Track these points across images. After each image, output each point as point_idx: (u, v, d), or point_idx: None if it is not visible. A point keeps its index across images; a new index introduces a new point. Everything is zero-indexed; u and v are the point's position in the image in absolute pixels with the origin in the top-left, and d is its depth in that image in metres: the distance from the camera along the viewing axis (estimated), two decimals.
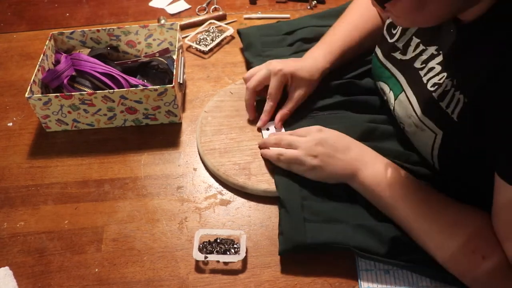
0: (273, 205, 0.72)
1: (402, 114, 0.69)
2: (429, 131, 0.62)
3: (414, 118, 0.65)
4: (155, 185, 0.77)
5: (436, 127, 0.61)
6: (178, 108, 0.84)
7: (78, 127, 0.86)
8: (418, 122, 0.64)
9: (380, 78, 0.76)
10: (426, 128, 0.63)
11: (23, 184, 0.78)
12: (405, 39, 0.70)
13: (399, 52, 0.71)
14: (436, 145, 0.62)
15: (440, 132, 0.61)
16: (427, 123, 0.62)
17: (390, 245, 0.61)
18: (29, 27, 1.16)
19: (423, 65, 0.65)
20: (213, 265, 0.66)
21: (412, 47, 0.68)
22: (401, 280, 0.62)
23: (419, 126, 0.64)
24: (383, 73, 0.74)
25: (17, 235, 0.71)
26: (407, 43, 0.70)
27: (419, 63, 0.66)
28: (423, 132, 0.64)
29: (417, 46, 0.67)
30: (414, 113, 0.65)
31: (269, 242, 0.68)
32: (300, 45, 0.95)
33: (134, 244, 0.69)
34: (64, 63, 0.86)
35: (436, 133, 0.61)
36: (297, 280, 0.63)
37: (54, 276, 0.66)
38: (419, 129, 0.65)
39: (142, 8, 1.20)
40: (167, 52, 0.94)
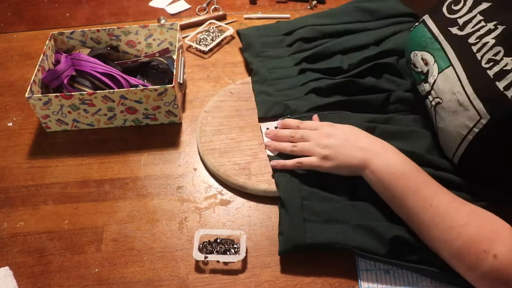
0: (273, 205, 0.72)
1: (445, 89, 0.65)
2: (474, 112, 0.59)
3: (460, 95, 0.62)
4: (155, 185, 0.77)
5: (485, 110, 0.58)
6: (178, 108, 0.84)
7: (78, 127, 0.86)
8: (465, 100, 0.61)
9: (425, 48, 0.72)
10: (472, 109, 0.59)
11: (23, 184, 0.78)
12: (469, 16, 0.67)
13: (457, 28, 0.68)
14: (475, 129, 0.59)
15: (487, 116, 0.57)
16: (475, 104, 0.59)
17: (390, 245, 0.61)
18: (29, 27, 1.16)
19: (477, 40, 0.63)
20: (213, 265, 0.66)
21: (472, 23, 0.65)
22: (401, 280, 0.62)
23: (464, 104, 0.61)
24: (431, 44, 0.71)
25: (17, 235, 0.71)
26: (469, 20, 0.66)
27: (474, 38, 0.64)
28: (466, 112, 0.60)
29: (478, 23, 0.65)
30: (463, 90, 0.62)
31: (269, 242, 0.68)
32: (299, 45, 0.95)
33: (134, 244, 0.69)
34: (64, 63, 0.86)
35: (481, 116, 0.58)
36: (297, 280, 0.63)
37: (54, 276, 0.66)
38: (462, 108, 0.61)
39: (142, 8, 1.20)
40: (167, 52, 0.94)
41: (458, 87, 0.63)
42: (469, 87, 0.61)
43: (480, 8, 0.66)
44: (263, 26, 1.04)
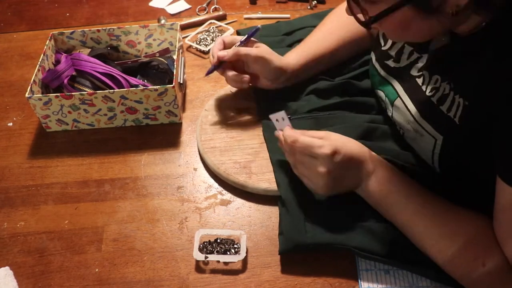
0: (273, 205, 0.72)
1: (400, 120, 0.68)
2: (428, 136, 0.62)
3: (412, 123, 0.65)
4: (155, 185, 0.77)
5: (436, 132, 0.61)
6: (178, 108, 0.84)
7: (78, 127, 0.86)
8: (417, 127, 0.64)
9: (377, 85, 0.76)
10: (426, 133, 0.62)
11: (23, 184, 0.78)
12: (398, 47, 0.69)
13: (392, 60, 0.70)
14: (437, 150, 0.62)
15: (440, 137, 0.60)
16: (427, 128, 0.62)
17: (390, 246, 0.62)
18: (29, 27, 1.16)
19: (420, 73, 0.65)
20: (213, 265, 0.66)
21: (405, 54, 0.68)
22: (401, 280, 0.62)
23: (418, 131, 0.64)
24: (378, 81, 0.74)
25: (17, 235, 0.71)
26: (399, 51, 0.69)
27: (416, 70, 0.66)
28: (423, 138, 0.63)
29: (411, 53, 0.67)
30: (412, 118, 0.65)
31: (269, 242, 0.68)
32: None
33: (134, 244, 0.69)
34: (64, 63, 0.86)
35: (436, 138, 0.61)
36: (297, 280, 0.63)
37: (54, 276, 0.66)
38: (418, 135, 0.64)
39: (142, 8, 1.20)
40: (167, 52, 0.94)
41: (408, 116, 0.66)
42: (417, 114, 0.64)
43: None
44: (263, 26, 1.03)
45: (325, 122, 0.77)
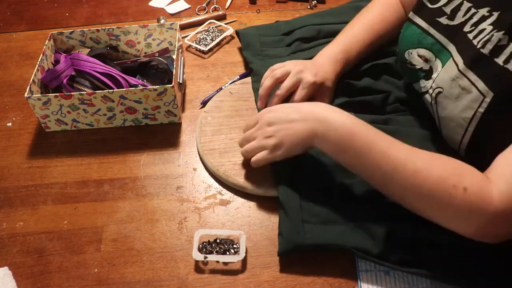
0: (272, 205, 0.72)
1: (445, 77, 0.65)
2: (476, 93, 0.59)
3: (460, 79, 0.62)
4: (155, 185, 0.77)
5: (487, 89, 0.57)
6: (177, 108, 0.84)
7: (77, 127, 0.86)
8: (466, 84, 0.60)
9: (419, 45, 0.72)
10: (475, 90, 0.59)
11: (22, 184, 0.78)
12: (455, 4, 0.66)
13: (446, 17, 0.67)
14: (481, 109, 0.59)
15: (490, 94, 0.57)
16: (478, 84, 0.59)
17: (389, 246, 0.61)
18: (29, 27, 1.15)
19: (472, 28, 0.62)
20: (213, 265, 0.66)
21: (462, 11, 0.65)
22: (401, 281, 0.62)
23: (466, 87, 0.61)
24: (424, 39, 0.71)
25: (17, 235, 0.71)
26: (456, 7, 0.66)
27: (469, 26, 0.63)
28: (468, 95, 0.60)
29: (468, 10, 0.64)
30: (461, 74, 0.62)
31: (268, 242, 0.68)
32: (298, 44, 0.95)
33: (133, 244, 0.69)
34: (63, 63, 0.86)
35: (484, 95, 0.58)
36: (297, 280, 0.63)
37: (54, 276, 0.66)
38: (465, 92, 0.61)
39: (142, 8, 1.20)
40: (167, 52, 0.94)
41: (456, 72, 0.63)
42: (468, 71, 0.61)
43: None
44: (262, 25, 1.03)
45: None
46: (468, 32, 0.63)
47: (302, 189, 0.69)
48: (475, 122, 0.60)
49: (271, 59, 0.94)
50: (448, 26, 0.67)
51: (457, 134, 0.63)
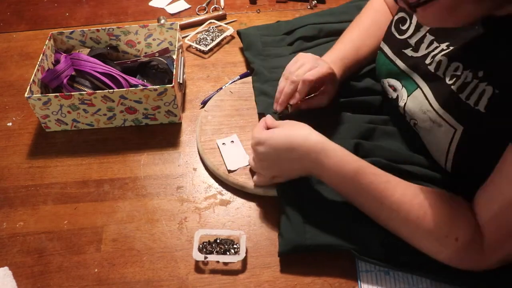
0: (273, 205, 0.72)
1: (416, 110, 0.67)
2: (447, 126, 0.61)
3: (431, 113, 0.63)
4: (155, 185, 0.77)
5: (456, 122, 0.59)
6: (177, 108, 0.84)
7: (77, 127, 0.86)
8: (436, 117, 0.62)
9: (389, 75, 0.74)
10: (444, 123, 0.61)
11: (22, 184, 0.78)
12: (419, 36, 0.68)
13: (411, 49, 0.69)
14: (455, 141, 0.60)
15: (460, 127, 0.59)
16: (446, 118, 0.61)
17: (388, 248, 0.61)
18: (29, 26, 1.15)
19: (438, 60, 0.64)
20: (213, 265, 0.65)
21: (425, 44, 0.67)
22: (401, 281, 0.62)
23: (436, 121, 0.63)
24: (392, 69, 0.73)
25: (17, 235, 0.71)
26: (420, 40, 0.68)
27: (433, 58, 0.65)
28: (440, 128, 0.62)
29: (431, 43, 0.66)
30: (431, 108, 0.63)
31: (269, 243, 0.68)
32: (299, 44, 0.95)
33: (133, 244, 0.69)
34: (63, 63, 0.86)
35: (455, 128, 0.60)
36: (297, 280, 0.63)
37: (54, 276, 0.66)
38: (436, 125, 0.63)
39: (142, 8, 1.20)
40: (167, 52, 0.94)
41: (426, 105, 0.65)
42: (436, 104, 0.63)
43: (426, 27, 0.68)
44: (263, 25, 1.04)
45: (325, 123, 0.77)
46: (428, 64, 0.65)
47: (303, 190, 0.69)
48: (452, 151, 0.62)
49: (273, 59, 0.94)
50: (413, 58, 0.69)
51: (441, 158, 0.65)
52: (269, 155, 0.66)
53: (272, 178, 0.69)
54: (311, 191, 0.69)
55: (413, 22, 0.70)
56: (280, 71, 0.91)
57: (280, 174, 0.68)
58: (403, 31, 0.72)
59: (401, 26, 0.72)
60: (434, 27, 0.65)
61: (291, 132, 0.65)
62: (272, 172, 0.68)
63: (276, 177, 0.69)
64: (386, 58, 0.74)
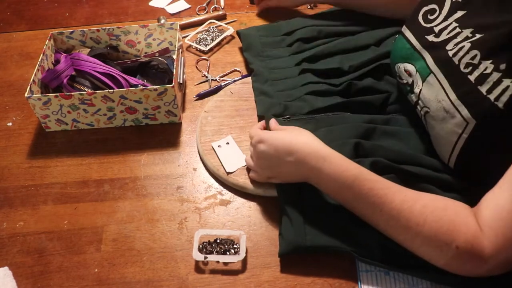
0: (273, 205, 0.72)
1: (431, 97, 0.66)
2: (460, 118, 0.60)
3: (445, 102, 0.62)
4: (155, 185, 0.77)
5: (470, 116, 0.58)
6: (178, 108, 0.84)
7: (77, 127, 0.86)
8: (450, 107, 0.61)
9: (406, 59, 0.73)
10: (458, 115, 0.60)
11: (22, 184, 0.78)
12: (445, 24, 0.67)
13: (433, 35, 0.68)
14: (464, 134, 0.59)
15: (472, 121, 0.58)
16: (461, 110, 0.60)
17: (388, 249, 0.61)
18: (29, 26, 1.15)
19: (454, 47, 0.63)
20: (213, 265, 0.65)
21: (447, 30, 0.66)
22: (401, 281, 0.62)
23: (450, 111, 0.61)
24: (411, 55, 0.72)
25: (17, 235, 0.71)
26: (444, 27, 0.67)
27: (452, 44, 0.64)
28: (453, 119, 0.61)
29: (453, 29, 0.65)
30: (447, 97, 0.62)
31: (269, 243, 0.68)
32: (299, 45, 0.95)
33: (133, 244, 0.69)
34: (63, 63, 0.86)
35: (467, 122, 0.59)
36: (297, 280, 0.63)
37: (54, 276, 0.66)
38: (449, 115, 0.62)
39: (142, 8, 1.20)
40: (167, 52, 0.94)
41: (442, 94, 0.64)
42: (452, 94, 0.62)
43: (455, 16, 0.67)
44: (263, 26, 1.04)
45: (325, 123, 0.77)
46: (449, 50, 0.64)
47: (303, 191, 0.68)
48: (460, 145, 0.61)
49: (272, 60, 0.94)
50: (433, 43, 0.68)
51: (446, 151, 0.64)
52: (268, 154, 0.66)
53: (268, 178, 0.69)
54: (311, 192, 0.69)
55: (442, 12, 0.69)
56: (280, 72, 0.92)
57: (277, 175, 0.68)
58: (430, 20, 0.70)
59: (429, 16, 0.71)
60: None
61: (293, 136, 0.66)
62: (269, 172, 0.69)
63: (272, 177, 0.69)
64: (406, 42, 0.73)
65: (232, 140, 0.79)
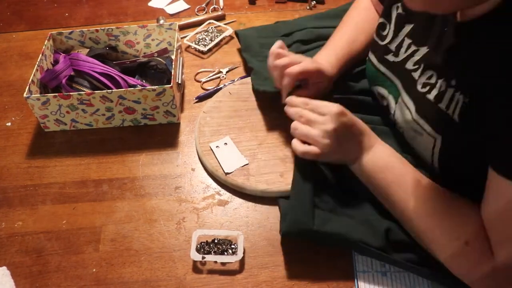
0: (271, 206, 0.72)
1: (401, 119, 0.68)
2: (427, 136, 0.62)
3: (411, 123, 0.65)
4: (153, 185, 0.77)
5: (434, 132, 0.60)
6: (176, 108, 0.84)
7: (76, 127, 0.86)
8: (417, 127, 0.64)
9: (376, 82, 0.75)
10: (424, 133, 0.62)
11: (21, 184, 0.78)
12: (398, 41, 0.69)
13: (392, 54, 0.70)
14: (436, 149, 0.61)
15: (438, 136, 0.60)
16: (425, 128, 0.62)
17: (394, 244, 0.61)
18: (28, 27, 1.16)
19: (415, 66, 0.65)
20: (211, 265, 0.66)
21: (404, 48, 0.68)
22: (398, 282, 0.62)
23: (417, 130, 0.64)
24: (378, 77, 0.74)
25: (15, 235, 0.71)
26: (399, 44, 0.69)
27: (411, 64, 0.66)
28: (422, 137, 0.63)
29: (409, 46, 0.67)
30: (411, 117, 0.65)
31: (266, 243, 0.68)
32: (297, 46, 0.95)
33: (132, 244, 0.69)
34: (62, 63, 0.86)
35: (435, 137, 0.61)
36: (295, 280, 0.63)
37: (52, 276, 0.66)
38: (417, 134, 0.64)
39: (141, 8, 1.20)
40: (166, 52, 0.94)
41: (407, 114, 0.66)
42: (415, 113, 0.64)
43: (404, 31, 0.68)
44: (261, 27, 1.04)
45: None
46: (411, 70, 0.66)
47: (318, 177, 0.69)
48: (436, 157, 0.62)
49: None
50: (394, 63, 0.70)
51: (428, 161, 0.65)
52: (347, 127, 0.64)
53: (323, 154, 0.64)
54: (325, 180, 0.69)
55: (391, 27, 0.71)
56: None
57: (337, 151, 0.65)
58: (384, 36, 0.72)
59: (381, 32, 0.73)
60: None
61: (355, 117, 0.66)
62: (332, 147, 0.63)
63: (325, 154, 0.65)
64: (372, 66, 0.75)
65: (230, 141, 0.80)
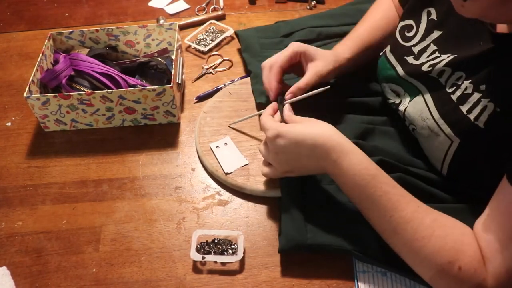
0: (271, 206, 0.72)
1: (416, 116, 0.67)
2: (444, 137, 0.61)
3: (429, 121, 0.63)
4: (153, 185, 0.77)
5: (453, 134, 0.59)
6: (176, 108, 0.84)
7: (76, 127, 0.86)
8: (434, 126, 0.62)
9: (390, 80, 0.74)
10: (442, 134, 0.61)
11: (21, 184, 0.78)
12: (423, 45, 0.69)
13: (413, 57, 0.69)
14: (451, 151, 0.60)
15: (457, 139, 0.59)
16: (444, 129, 0.61)
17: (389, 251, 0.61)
18: (28, 27, 1.16)
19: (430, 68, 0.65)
20: (211, 265, 0.66)
21: (427, 53, 0.67)
22: (398, 282, 0.62)
23: (434, 130, 0.63)
24: (392, 75, 0.73)
25: (15, 235, 0.71)
26: (423, 49, 0.68)
27: (428, 66, 0.65)
28: (438, 138, 0.62)
29: (433, 53, 0.66)
30: (431, 116, 0.63)
31: (266, 243, 0.68)
32: None
33: (131, 244, 0.69)
34: (62, 63, 0.86)
35: (452, 140, 0.60)
36: (295, 281, 0.63)
37: (52, 276, 0.66)
38: (433, 134, 0.63)
39: (142, 8, 1.20)
40: (166, 52, 0.94)
41: (426, 112, 0.65)
42: (436, 112, 0.63)
43: (433, 36, 0.68)
44: (262, 27, 1.04)
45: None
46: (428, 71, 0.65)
47: (306, 189, 0.68)
48: (448, 159, 0.62)
49: None
50: (412, 65, 0.69)
51: (437, 162, 0.65)
52: (289, 149, 0.62)
53: (285, 172, 0.66)
54: (313, 190, 0.69)
55: (420, 31, 0.70)
56: None
57: (294, 169, 0.65)
58: (408, 38, 0.71)
59: (406, 33, 0.72)
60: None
61: (315, 130, 0.62)
62: (287, 167, 0.65)
63: (289, 172, 0.66)
64: (387, 63, 0.74)
65: (230, 141, 0.79)
